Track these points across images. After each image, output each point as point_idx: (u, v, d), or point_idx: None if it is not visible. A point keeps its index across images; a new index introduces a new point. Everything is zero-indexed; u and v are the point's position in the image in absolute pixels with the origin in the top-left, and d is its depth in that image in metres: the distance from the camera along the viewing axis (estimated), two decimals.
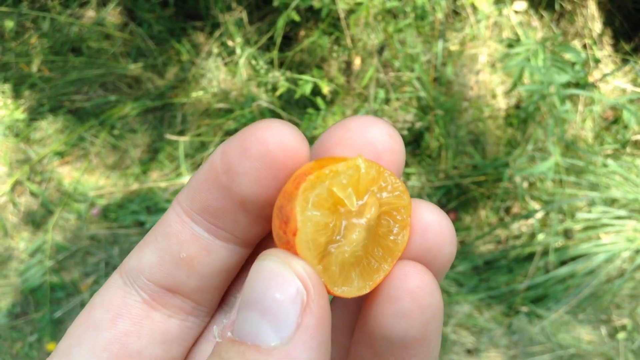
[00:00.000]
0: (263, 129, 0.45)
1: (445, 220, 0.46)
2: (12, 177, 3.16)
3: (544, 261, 2.81)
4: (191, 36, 3.51)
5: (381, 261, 0.45)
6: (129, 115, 3.31)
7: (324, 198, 0.44)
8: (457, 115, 3.15)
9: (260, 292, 0.39)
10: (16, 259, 3.01)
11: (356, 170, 0.45)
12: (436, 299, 0.43)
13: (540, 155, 2.86)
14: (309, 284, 0.40)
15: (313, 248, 0.43)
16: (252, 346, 0.38)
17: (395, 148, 0.48)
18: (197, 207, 0.47)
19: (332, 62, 3.31)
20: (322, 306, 0.40)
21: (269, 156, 0.44)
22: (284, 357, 0.38)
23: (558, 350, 2.71)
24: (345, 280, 0.44)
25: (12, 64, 3.48)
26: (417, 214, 0.46)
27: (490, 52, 3.23)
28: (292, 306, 0.39)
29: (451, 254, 0.46)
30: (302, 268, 0.40)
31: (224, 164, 0.45)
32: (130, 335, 0.47)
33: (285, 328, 0.38)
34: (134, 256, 0.49)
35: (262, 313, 0.39)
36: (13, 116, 3.33)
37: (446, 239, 0.45)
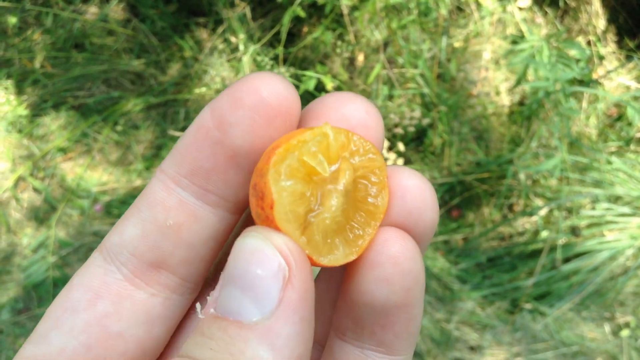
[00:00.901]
0: (255, 79, 0.44)
1: (425, 184, 0.45)
2: (15, 173, 3.16)
3: (548, 258, 2.80)
4: (194, 32, 3.50)
5: (364, 226, 0.45)
6: (132, 112, 3.31)
7: (295, 168, 0.43)
8: (460, 112, 3.14)
9: (242, 269, 0.39)
10: (19, 255, 3.01)
11: (324, 137, 0.45)
12: (417, 264, 0.43)
13: (544, 152, 2.85)
14: (290, 259, 0.39)
15: (293, 219, 0.42)
16: (234, 322, 0.38)
17: (371, 124, 0.47)
18: (185, 171, 0.46)
19: (335, 58, 3.30)
20: (304, 281, 0.40)
21: (262, 104, 0.44)
22: (266, 332, 0.37)
23: (561, 347, 2.71)
24: (330, 248, 0.43)
25: (15, 60, 3.48)
26: (396, 179, 0.45)
27: (494, 48, 3.23)
28: (274, 282, 0.38)
29: (432, 218, 0.45)
30: (284, 243, 0.40)
31: (215, 119, 0.44)
32: (110, 316, 0.46)
33: (267, 303, 0.38)
34: (116, 231, 0.47)
35: (244, 289, 0.39)
36: (16, 112, 3.33)
37: (427, 202, 0.45)
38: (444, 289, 2.91)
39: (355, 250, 0.44)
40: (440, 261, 2.96)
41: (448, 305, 2.85)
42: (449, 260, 2.98)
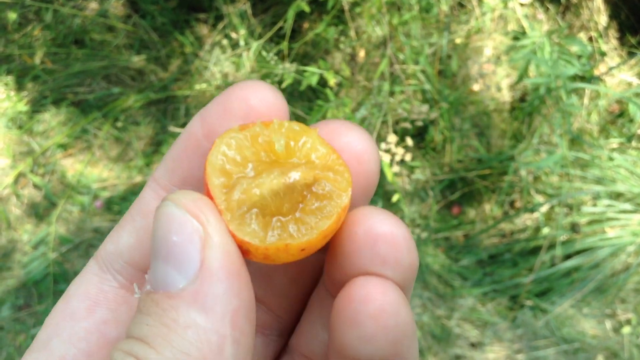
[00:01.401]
0: (243, 88, 0.44)
1: (398, 228, 0.42)
2: (16, 170, 3.15)
3: (549, 255, 2.80)
4: (194, 28, 3.49)
5: (289, 232, 0.42)
6: (132, 108, 3.30)
7: (257, 135, 0.43)
8: (461, 109, 3.13)
9: (160, 239, 0.39)
10: (19, 251, 3.01)
11: (302, 130, 0.44)
12: (402, 317, 0.41)
13: (545, 149, 2.84)
14: (202, 217, 0.39)
15: (220, 169, 0.41)
16: (163, 294, 0.38)
17: (365, 157, 0.46)
18: (177, 180, 0.46)
19: (336, 54, 3.29)
20: (222, 235, 0.39)
21: (252, 113, 0.44)
22: (194, 296, 0.37)
23: (562, 344, 2.71)
24: (242, 218, 0.41)
25: (15, 55, 3.47)
26: (367, 225, 0.43)
27: (495, 45, 3.22)
28: (191, 245, 0.38)
29: (410, 264, 0.43)
30: (193, 202, 0.39)
31: (205, 128, 0.44)
32: (108, 323, 0.46)
33: (189, 268, 0.38)
34: (111, 240, 0.48)
35: (166, 259, 0.38)
36: (16, 108, 3.32)
37: (401, 248, 0.42)
38: (444, 285, 2.91)
39: (265, 240, 0.41)
40: (441, 258, 2.96)
41: (449, 302, 2.85)
42: (449, 256, 2.98)
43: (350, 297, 0.41)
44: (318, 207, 0.43)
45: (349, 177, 0.44)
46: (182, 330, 0.36)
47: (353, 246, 0.42)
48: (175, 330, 0.36)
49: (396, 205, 3.05)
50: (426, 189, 3.10)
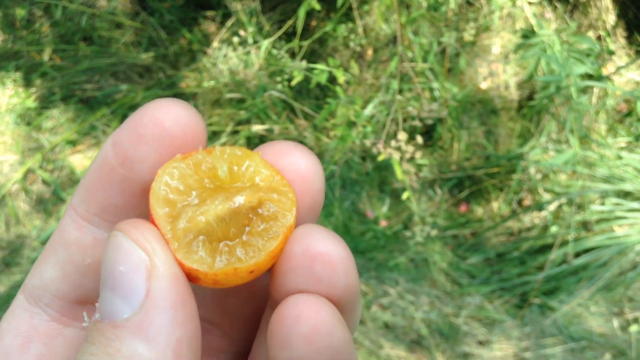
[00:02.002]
0: (155, 109, 0.42)
1: (336, 248, 0.41)
2: (25, 165, 3.16)
3: (558, 253, 2.80)
4: (202, 26, 3.50)
5: (236, 255, 0.42)
6: (140, 105, 3.30)
7: (199, 163, 0.43)
8: (469, 107, 3.14)
9: (108, 269, 0.39)
10: (28, 247, 3.02)
11: (244, 155, 0.44)
12: (337, 337, 0.39)
13: (553, 147, 2.84)
14: (148, 248, 0.39)
15: (164, 199, 0.41)
16: (109, 323, 0.38)
17: (309, 176, 0.45)
18: (95, 209, 0.44)
19: (344, 52, 3.29)
20: (168, 266, 0.39)
21: (166, 136, 0.42)
22: (138, 326, 0.37)
23: (570, 342, 2.71)
24: (189, 246, 0.41)
25: (23, 52, 3.48)
26: (305, 244, 0.42)
27: (503, 43, 3.22)
28: (137, 275, 0.38)
29: (347, 284, 0.41)
30: (140, 233, 0.39)
31: (119, 155, 0.42)
32: (44, 357, 0.45)
33: (134, 298, 0.38)
34: (35, 274, 0.46)
35: (112, 289, 0.38)
36: (24, 104, 3.33)
37: (337, 268, 0.41)
38: (452, 283, 2.91)
39: (214, 265, 0.41)
40: (449, 255, 2.96)
41: (457, 300, 2.85)
42: (457, 254, 2.98)
43: (283, 317, 0.40)
44: (264, 229, 0.43)
45: (294, 196, 0.44)
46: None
47: (290, 265, 0.42)
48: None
49: (404, 203, 3.05)
50: (434, 187, 3.10)
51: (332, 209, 3.06)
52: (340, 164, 3.03)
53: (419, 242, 2.88)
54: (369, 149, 3.01)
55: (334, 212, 3.06)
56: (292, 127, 3.15)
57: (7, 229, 3.08)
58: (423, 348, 2.72)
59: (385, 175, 3.12)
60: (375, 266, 2.94)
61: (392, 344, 2.72)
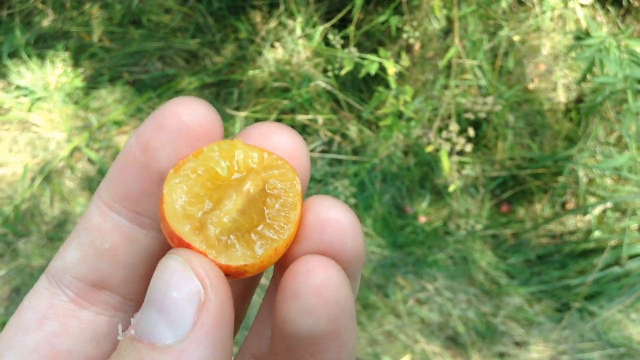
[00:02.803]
0: (176, 104, 0.46)
1: (344, 214, 0.44)
2: (72, 143, 3.22)
3: (598, 258, 2.77)
4: (249, 14, 3.52)
5: (270, 234, 0.44)
6: (186, 90, 3.34)
7: (195, 170, 0.45)
8: (515, 106, 3.11)
9: (159, 291, 0.40)
10: (71, 223, 3.07)
11: (230, 146, 0.46)
12: (343, 293, 0.42)
13: (601, 151, 2.81)
14: (206, 282, 0.40)
15: (182, 216, 0.43)
16: (148, 344, 0.39)
17: (295, 154, 0.48)
18: (117, 196, 0.47)
19: (389, 45, 3.29)
20: (220, 304, 0.40)
21: (184, 127, 0.45)
22: (178, 355, 0.38)
23: (608, 348, 2.68)
24: (226, 246, 0.43)
25: (73, 32, 3.54)
26: (315, 211, 0.45)
27: (553, 44, 3.19)
28: (189, 305, 0.39)
29: (355, 247, 0.45)
30: (201, 265, 0.40)
31: (141, 144, 0.46)
32: (58, 335, 0.47)
33: (181, 326, 0.38)
34: (59, 256, 0.49)
35: (160, 311, 0.39)
36: (73, 84, 3.39)
37: (346, 233, 0.44)
38: (490, 282, 2.89)
39: (256, 254, 0.43)
40: (488, 255, 2.95)
41: (495, 300, 2.84)
42: (497, 254, 2.96)
43: (294, 272, 0.42)
44: (281, 204, 0.46)
45: (289, 165, 0.47)
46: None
47: (303, 231, 0.45)
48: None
49: (445, 199, 3.04)
50: (476, 186, 3.08)
51: (371, 202, 3.06)
52: (383, 157, 3.03)
53: (460, 238, 2.87)
54: (413, 143, 3.00)
55: (373, 205, 3.06)
56: (335, 117, 3.16)
57: (52, 204, 3.14)
58: (459, 345, 2.71)
59: (427, 171, 3.12)
60: (414, 261, 2.93)
61: (428, 340, 2.72)
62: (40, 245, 3.01)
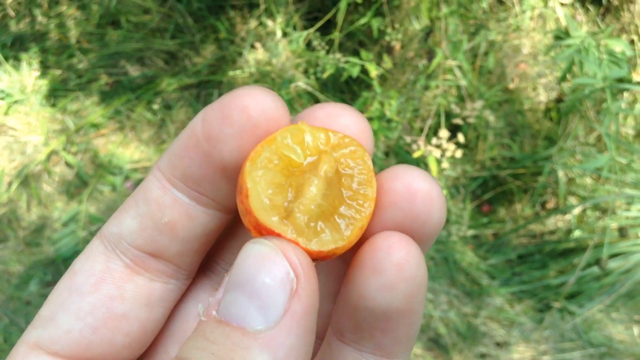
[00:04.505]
0: (244, 95, 0.44)
1: (434, 186, 0.44)
2: (49, 147, 3.18)
3: (580, 258, 2.78)
4: (229, 14, 3.49)
5: (353, 213, 0.45)
6: (166, 91, 3.31)
7: (271, 160, 0.44)
8: (496, 106, 3.11)
9: (249, 275, 0.39)
10: (49, 228, 3.03)
11: (299, 131, 0.45)
12: (422, 270, 0.43)
13: (581, 151, 2.82)
14: (299, 270, 0.40)
15: (269, 207, 0.43)
16: (238, 328, 0.38)
17: (361, 135, 0.48)
18: (178, 174, 0.47)
19: (371, 46, 3.27)
20: (310, 293, 0.40)
21: (250, 123, 0.44)
22: (269, 342, 0.38)
23: (589, 348, 2.69)
24: (316, 232, 0.43)
25: (50, 34, 3.49)
26: (406, 181, 0.45)
27: (533, 43, 3.19)
28: (281, 291, 0.39)
29: (440, 219, 0.45)
30: (294, 253, 0.40)
31: (205, 131, 0.45)
32: (114, 299, 0.47)
33: (272, 313, 0.38)
34: (114, 222, 0.49)
35: (250, 296, 0.39)
36: (50, 86, 3.34)
37: (435, 204, 0.44)
38: (472, 283, 2.89)
39: (344, 236, 0.43)
40: (469, 255, 2.95)
41: (476, 300, 2.84)
42: (478, 255, 2.96)
43: (375, 247, 0.43)
44: (358, 182, 0.46)
45: (357, 142, 0.47)
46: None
47: (391, 199, 0.44)
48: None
49: None
50: (457, 186, 3.08)
51: None
52: None
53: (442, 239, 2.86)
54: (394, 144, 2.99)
55: None
56: None
57: (29, 209, 3.10)
58: (440, 347, 2.71)
59: None
60: None
61: None
62: (18, 251, 2.96)
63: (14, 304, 2.82)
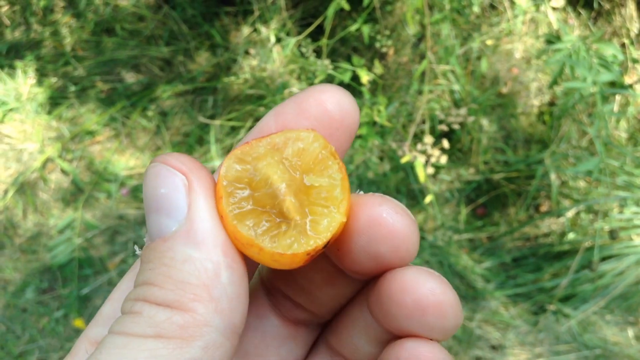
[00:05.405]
0: (321, 91, 0.46)
1: (446, 296, 0.44)
2: (44, 154, 3.18)
3: (573, 260, 2.79)
4: (224, 21, 3.51)
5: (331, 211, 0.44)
6: (160, 98, 3.32)
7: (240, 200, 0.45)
8: (489, 110, 3.13)
9: (150, 194, 0.43)
10: (45, 235, 3.04)
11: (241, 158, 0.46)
12: None
13: (573, 154, 2.83)
14: (184, 168, 0.43)
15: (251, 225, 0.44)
16: (159, 239, 0.42)
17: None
18: None
19: (364, 52, 3.29)
20: (202, 180, 0.43)
21: (326, 116, 0.46)
22: (187, 234, 0.41)
23: (584, 350, 2.70)
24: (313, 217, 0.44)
25: (46, 42, 3.50)
26: (416, 295, 0.44)
27: (525, 47, 3.21)
28: (178, 193, 0.42)
29: (455, 326, 0.45)
30: (174, 158, 0.43)
31: (279, 124, 0.47)
32: None
33: (178, 212, 0.42)
34: None
35: (157, 210, 0.42)
36: (46, 94, 3.35)
37: (448, 316, 0.44)
38: (467, 287, 2.90)
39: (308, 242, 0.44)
40: (464, 259, 2.96)
41: (470, 304, 2.85)
42: (472, 258, 2.97)
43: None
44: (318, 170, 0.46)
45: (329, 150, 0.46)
46: (181, 265, 0.40)
47: (400, 312, 0.45)
48: (174, 267, 0.40)
49: (421, 204, 3.05)
50: (451, 190, 3.09)
51: None
52: (359, 163, 3.02)
53: (436, 243, 2.87)
54: (388, 149, 3.01)
55: None
56: None
57: (25, 216, 3.10)
58: None
59: (403, 177, 3.12)
60: None
61: None
62: (14, 259, 2.97)
63: (11, 311, 2.82)
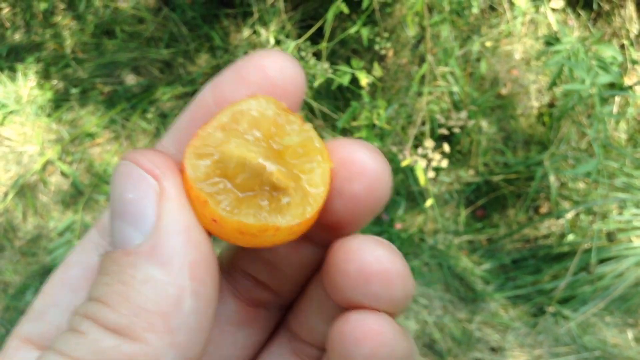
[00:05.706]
0: (261, 56, 0.42)
1: (392, 264, 0.41)
2: (44, 157, 3.19)
3: (572, 262, 2.79)
4: (223, 23, 3.51)
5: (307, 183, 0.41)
6: (161, 100, 3.33)
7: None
8: (488, 112, 3.13)
9: (117, 198, 0.38)
10: (45, 238, 3.04)
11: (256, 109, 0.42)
12: (398, 352, 0.40)
13: (572, 155, 2.83)
14: (156, 172, 0.39)
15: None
16: (121, 251, 0.37)
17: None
18: (184, 147, 0.44)
19: (364, 54, 3.29)
20: (176, 188, 0.39)
21: (268, 83, 0.42)
22: (152, 251, 0.37)
23: (583, 352, 2.70)
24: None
25: (45, 44, 3.51)
26: (359, 262, 0.41)
27: (525, 49, 3.21)
28: (147, 200, 0.38)
29: (405, 296, 0.41)
30: (149, 160, 0.39)
31: (217, 95, 0.43)
32: None
33: (145, 223, 0.37)
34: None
35: (122, 217, 0.38)
36: (45, 96, 3.36)
37: (395, 285, 0.41)
38: (466, 288, 2.90)
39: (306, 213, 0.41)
40: (464, 261, 2.96)
41: (470, 305, 2.85)
42: (472, 260, 2.97)
43: (343, 336, 0.40)
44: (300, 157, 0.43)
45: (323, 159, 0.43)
46: (140, 285, 0.36)
47: (345, 282, 0.41)
48: (132, 287, 0.36)
49: (420, 206, 3.05)
50: (451, 192, 3.09)
51: None
52: None
53: (436, 245, 2.88)
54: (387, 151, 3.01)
55: None
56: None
57: (25, 219, 3.11)
58: (435, 352, 2.72)
59: (402, 179, 3.12)
60: None
61: None
62: (14, 261, 2.98)
63: (11, 314, 2.83)
